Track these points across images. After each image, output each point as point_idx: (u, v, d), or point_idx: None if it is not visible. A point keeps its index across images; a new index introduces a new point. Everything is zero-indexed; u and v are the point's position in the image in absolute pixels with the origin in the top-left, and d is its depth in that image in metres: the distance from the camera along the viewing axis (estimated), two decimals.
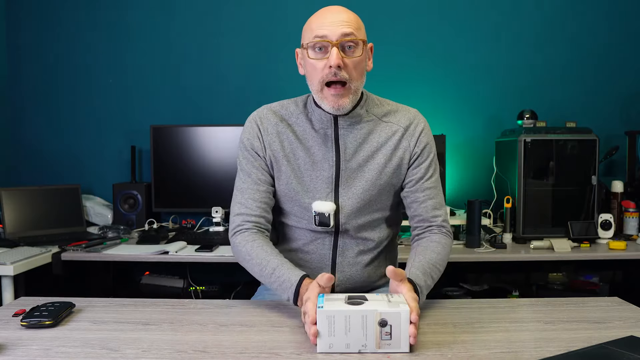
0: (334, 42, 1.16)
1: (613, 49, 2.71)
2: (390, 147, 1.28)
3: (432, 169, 1.32)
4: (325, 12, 1.21)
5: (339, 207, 1.27)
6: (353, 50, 1.19)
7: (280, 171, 1.30)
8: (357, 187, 1.27)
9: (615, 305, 1.21)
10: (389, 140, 1.28)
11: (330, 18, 1.18)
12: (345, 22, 1.18)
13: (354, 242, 1.32)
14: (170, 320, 1.10)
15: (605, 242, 2.25)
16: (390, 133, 1.29)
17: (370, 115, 1.30)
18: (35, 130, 2.79)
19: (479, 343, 0.97)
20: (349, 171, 1.27)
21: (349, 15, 1.20)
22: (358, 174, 1.27)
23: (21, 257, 1.92)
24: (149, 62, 2.76)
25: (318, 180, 1.27)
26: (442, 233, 1.31)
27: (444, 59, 2.72)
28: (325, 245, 1.31)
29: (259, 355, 0.92)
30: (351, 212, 1.28)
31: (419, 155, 1.30)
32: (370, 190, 1.27)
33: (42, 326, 1.04)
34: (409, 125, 1.30)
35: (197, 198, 2.56)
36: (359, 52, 1.20)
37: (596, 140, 2.28)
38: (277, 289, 1.16)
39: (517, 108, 2.53)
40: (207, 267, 2.36)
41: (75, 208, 2.50)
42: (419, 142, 1.30)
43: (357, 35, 1.19)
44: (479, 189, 2.67)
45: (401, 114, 1.32)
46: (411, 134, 1.29)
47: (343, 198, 1.27)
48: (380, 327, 0.91)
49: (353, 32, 1.18)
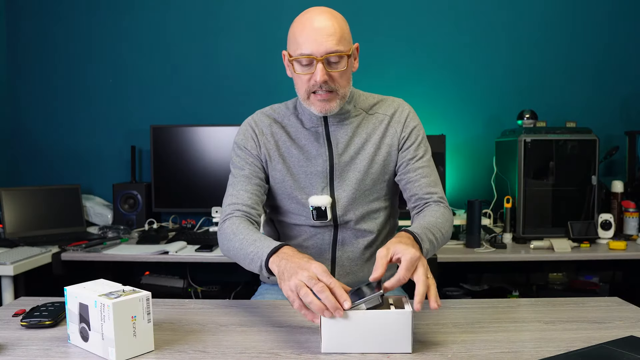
0: (319, 59, 1.17)
1: (613, 49, 2.71)
2: (378, 135, 1.31)
3: (422, 149, 1.33)
4: (309, 22, 1.18)
5: (334, 200, 1.30)
6: (338, 62, 1.20)
7: (275, 169, 1.32)
8: (350, 178, 1.30)
9: (615, 305, 1.21)
10: (376, 130, 1.32)
11: (315, 33, 1.16)
12: (330, 35, 1.16)
13: (353, 234, 1.33)
14: (170, 320, 1.10)
15: (605, 242, 2.25)
16: (378, 123, 1.33)
17: (358, 109, 1.33)
18: (35, 130, 2.79)
19: (479, 343, 0.97)
20: (342, 164, 1.30)
21: (333, 26, 1.17)
22: (351, 166, 1.30)
23: (21, 257, 1.92)
24: (149, 62, 2.76)
25: (313, 176, 1.30)
26: (441, 206, 1.29)
27: (444, 59, 2.72)
28: (325, 240, 1.33)
29: (259, 355, 0.92)
30: (347, 204, 1.30)
31: (407, 137, 1.32)
32: (364, 179, 1.30)
33: (42, 326, 1.04)
34: (395, 113, 1.34)
35: (197, 198, 2.57)
36: (344, 64, 1.20)
37: (596, 140, 2.28)
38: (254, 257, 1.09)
39: (517, 108, 2.53)
40: (207, 267, 2.36)
41: (75, 208, 2.50)
42: (406, 126, 1.32)
43: (342, 49, 1.18)
44: (479, 189, 2.67)
45: (387, 104, 1.36)
46: (397, 120, 1.33)
47: (338, 191, 1.30)
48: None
49: (338, 47, 1.17)
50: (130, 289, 0.94)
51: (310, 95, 1.23)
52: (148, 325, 0.92)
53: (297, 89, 1.26)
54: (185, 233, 2.38)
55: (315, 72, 1.18)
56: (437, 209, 1.26)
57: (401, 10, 2.71)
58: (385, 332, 0.91)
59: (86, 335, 0.92)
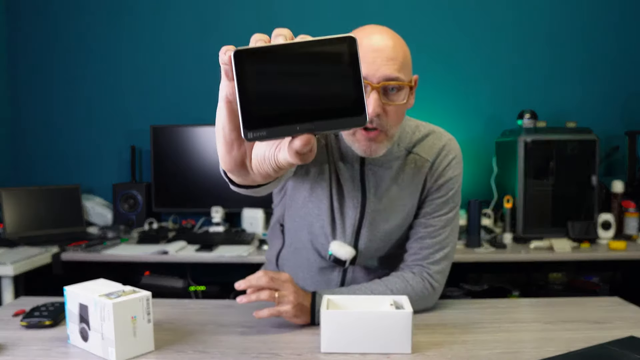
0: (375, 85, 0.97)
1: (613, 49, 2.71)
2: (416, 185, 1.14)
3: (448, 207, 1.15)
4: (367, 40, 0.98)
5: (358, 252, 1.15)
6: (396, 93, 1.00)
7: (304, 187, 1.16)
8: (380, 231, 1.14)
9: (616, 305, 1.21)
10: (415, 177, 1.14)
11: (373, 54, 0.97)
12: (391, 59, 0.97)
13: (366, 274, 1.20)
14: (170, 320, 1.10)
15: (605, 242, 2.25)
16: (418, 168, 1.14)
17: (401, 148, 1.13)
18: (35, 130, 2.79)
19: (479, 343, 0.97)
20: (373, 214, 1.13)
21: (395, 48, 0.99)
22: (383, 217, 1.14)
23: (21, 257, 1.92)
24: (149, 62, 2.76)
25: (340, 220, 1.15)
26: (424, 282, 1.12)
27: (444, 59, 2.72)
28: (334, 275, 1.21)
29: (259, 356, 0.92)
30: (370, 255, 1.17)
31: (438, 188, 1.14)
32: (395, 232, 1.16)
33: (42, 326, 1.05)
34: (437, 157, 1.14)
35: (197, 198, 2.56)
36: (403, 96, 1.00)
37: (596, 140, 2.28)
38: None
39: (517, 108, 2.53)
40: (207, 267, 2.36)
41: (75, 208, 2.50)
42: (442, 174, 1.14)
43: (404, 79, 0.99)
44: (479, 189, 2.67)
45: (431, 142, 1.15)
46: (437, 166, 1.14)
47: (363, 241, 1.15)
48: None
49: (399, 75, 0.98)
50: (130, 289, 0.94)
51: (356, 131, 1.02)
52: (148, 325, 0.92)
53: None
54: (185, 233, 2.38)
55: (367, 102, 0.95)
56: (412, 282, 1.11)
57: (401, 10, 2.71)
58: (385, 332, 0.91)
59: (86, 335, 0.92)
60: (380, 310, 0.94)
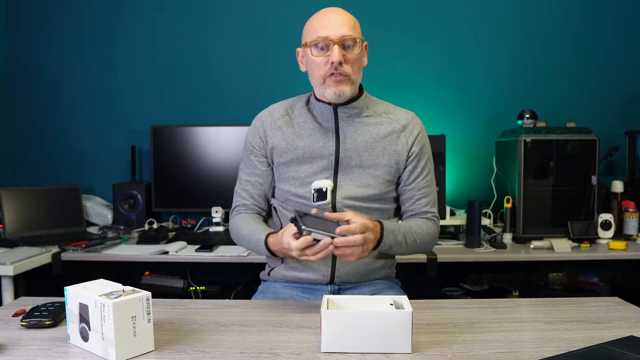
0: (335, 41, 1.28)
1: (613, 49, 2.71)
2: (388, 141, 1.37)
3: (428, 168, 1.41)
4: (326, 13, 1.32)
5: (336, 185, 1.35)
6: (352, 48, 1.31)
7: (280, 161, 1.38)
8: (354, 173, 1.35)
9: (615, 305, 1.21)
10: (387, 135, 1.37)
11: (331, 19, 1.30)
12: (345, 23, 1.30)
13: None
14: (170, 320, 1.10)
15: (605, 242, 2.25)
16: (390, 129, 1.38)
17: (370, 110, 1.40)
18: (35, 130, 2.78)
19: (479, 343, 0.97)
20: (347, 159, 1.35)
21: (348, 17, 1.32)
22: (356, 162, 1.35)
23: (21, 257, 1.92)
24: (149, 62, 2.75)
25: (318, 168, 1.35)
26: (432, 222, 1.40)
27: (444, 58, 2.72)
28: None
29: (259, 356, 0.92)
30: (348, 193, 1.34)
31: (417, 154, 1.38)
32: (367, 177, 1.35)
33: (42, 326, 1.05)
34: (407, 125, 1.40)
35: (197, 198, 2.56)
36: (357, 50, 1.31)
37: (596, 140, 2.28)
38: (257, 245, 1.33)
39: (517, 108, 2.53)
40: (207, 267, 2.36)
41: (75, 208, 2.50)
42: (417, 141, 1.39)
43: (356, 35, 1.31)
44: (479, 189, 2.67)
45: (400, 113, 1.42)
46: (409, 133, 1.39)
47: (341, 180, 1.35)
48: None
49: (352, 33, 1.30)
50: (130, 289, 0.94)
51: (325, 79, 1.30)
52: (148, 325, 0.92)
53: (313, 76, 1.34)
54: (185, 233, 2.38)
55: (331, 54, 1.27)
56: (426, 222, 1.38)
57: (401, 10, 2.71)
58: (385, 332, 0.91)
59: (86, 335, 0.92)
60: (380, 310, 0.94)
